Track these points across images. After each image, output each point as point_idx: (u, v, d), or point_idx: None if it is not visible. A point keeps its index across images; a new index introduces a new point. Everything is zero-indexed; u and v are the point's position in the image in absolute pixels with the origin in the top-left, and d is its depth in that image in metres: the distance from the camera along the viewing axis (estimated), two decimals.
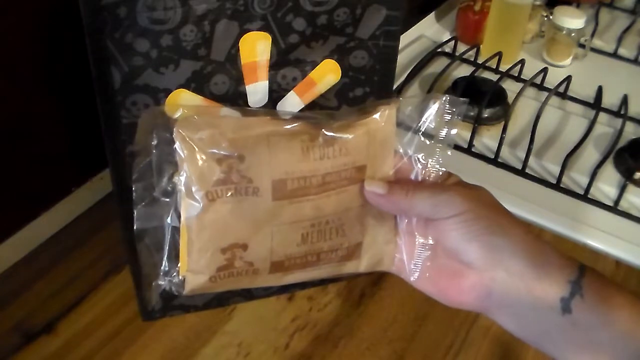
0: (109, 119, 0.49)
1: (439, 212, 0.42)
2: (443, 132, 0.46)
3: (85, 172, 0.72)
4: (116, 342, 0.59)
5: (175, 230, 0.43)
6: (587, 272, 0.39)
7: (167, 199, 0.43)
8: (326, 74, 0.54)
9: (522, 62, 0.96)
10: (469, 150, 0.83)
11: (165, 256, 0.44)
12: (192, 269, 0.43)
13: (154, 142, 0.43)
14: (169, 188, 0.43)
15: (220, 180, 0.41)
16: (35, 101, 0.64)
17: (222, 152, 0.42)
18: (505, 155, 0.82)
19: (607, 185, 0.78)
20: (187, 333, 0.60)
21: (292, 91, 0.53)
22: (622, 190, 0.75)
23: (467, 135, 0.83)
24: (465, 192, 0.42)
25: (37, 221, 0.67)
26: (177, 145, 0.42)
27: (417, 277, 0.45)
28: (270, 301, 0.63)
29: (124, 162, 0.51)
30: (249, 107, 0.52)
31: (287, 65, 0.52)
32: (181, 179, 0.42)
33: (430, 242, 0.44)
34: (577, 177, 0.79)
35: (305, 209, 0.43)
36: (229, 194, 0.41)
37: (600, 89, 0.94)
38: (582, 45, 1.03)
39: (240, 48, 0.50)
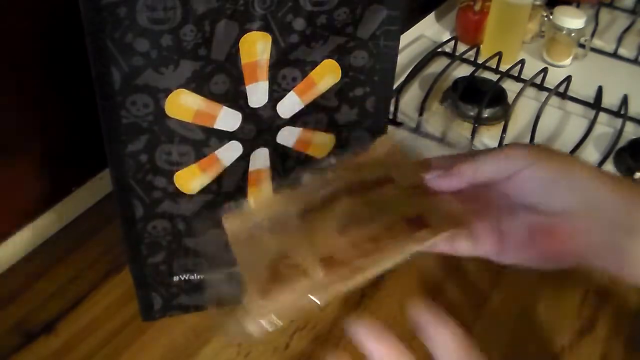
0: (109, 119, 0.49)
1: (508, 168, 0.40)
2: None
3: (85, 172, 0.72)
4: (116, 342, 0.59)
5: None
6: None
7: None
8: (326, 74, 0.54)
9: (522, 62, 0.96)
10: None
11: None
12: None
13: None
14: None
15: None
16: (35, 101, 0.64)
17: None
18: None
19: None
20: (187, 333, 0.60)
21: (292, 91, 0.53)
22: None
23: (467, 135, 0.83)
24: (523, 145, 0.40)
25: (37, 221, 0.67)
26: None
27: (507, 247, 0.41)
28: None
29: (124, 162, 0.51)
30: (250, 107, 0.52)
31: (287, 65, 0.52)
32: None
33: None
34: None
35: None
36: None
37: (600, 89, 0.94)
38: (582, 45, 1.02)
39: (240, 48, 0.50)
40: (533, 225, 0.40)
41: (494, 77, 0.94)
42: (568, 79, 0.93)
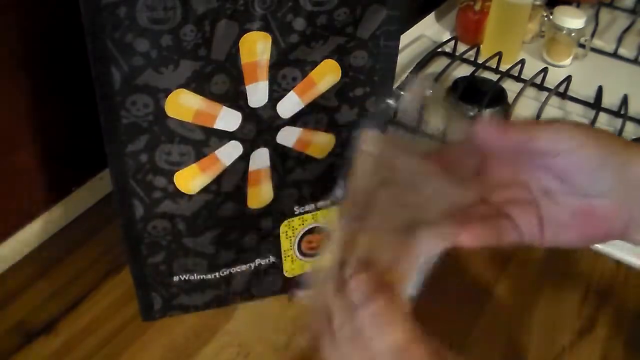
0: (109, 119, 0.49)
1: (561, 145, 0.39)
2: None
3: (85, 172, 0.72)
4: (116, 342, 0.59)
5: None
6: None
7: None
8: (326, 74, 0.54)
9: (522, 62, 0.96)
10: None
11: None
12: None
13: None
14: None
15: None
16: (35, 101, 0.64)
17: None
18: None
19: None
20: (187, 333, 0.60)
21: (292, 91, 0.53)
22: None
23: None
24: (575, 123, 0.40)
25: (37, 221, 0.67)
26: None
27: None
28: (270, 301, 0.63)
29: (124, 162, 0.51)
30: (249, 107, 0.52)
31: (287, 65, 0.52)
32: None
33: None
34: None
35: None
36: None
37: (600, 89, 0.94)
38: (582, 45, 1.02)
39: (240, 48, 0.50)
40: (574, 208, 0.40)
41: (494, 77, 0.94)
42: (568, 79, 0.93)
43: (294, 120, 0.54)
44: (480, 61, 0.97)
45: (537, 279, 0.67)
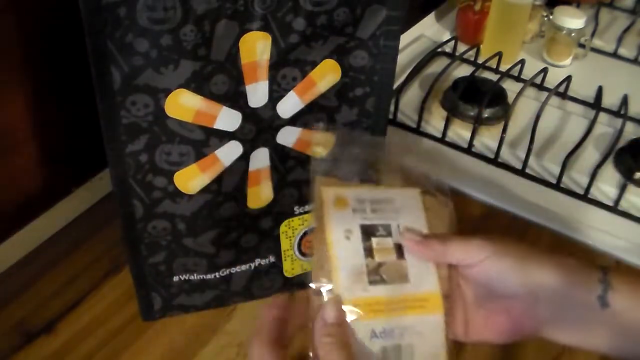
0: (109, 119, 0.49)
1: (471, 256, 0.45)
2: None
3: (85, 172, 0.72)
4: (116, 342, 0.59)
5: None
6: (608, 269, 0.45)
7: None
8: (326, 74, 0.54)
9: (522, 62, 0.96)
10: (469, 150, 0.83)
11: None
12: None
13: None
14: None
15: None
16: (35, 101, 0.64)
17: None
18: (505, 155, 0.82)
19: (607, 185, 0.78)
20: (187, 333, 0.60)
21: (292, 91, 0.53)
22: (622, 190, 0.75)
23: (467, 135, 0.83)
24: (489, 236, 0.46)
25: (37, 221, 0.67)
26: None
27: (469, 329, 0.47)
28: (270, 301, 0.63)
29: (124, 162, 0.51)
30: (250, 107, 0.52)
31: (287, 65, 0.52)
32: None
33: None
34: (577, 177, 0.79)
35: None
36: None
37: (600, 89, 0.94)
38: (582, 45, 1.02)
39: (240, 48, 0.50)
40: (492, 311, 0.46)
41: (494, 77, 0.94)
42: (568, 79, 0.93)
43: (294, 120, 0.54)
44: (480, 61, 0.97)
45: None
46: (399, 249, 0.46)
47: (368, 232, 0.46)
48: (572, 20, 0.98)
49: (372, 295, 0.45)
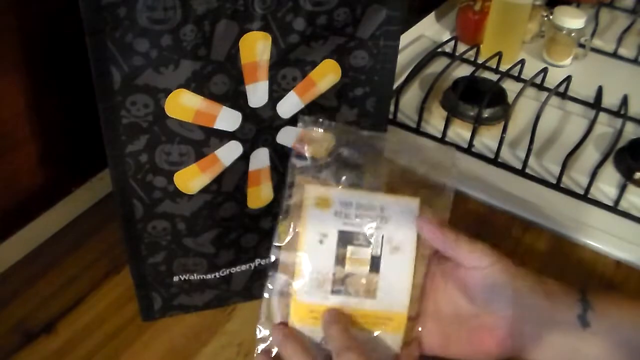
0: (109, 119, 0.49)
1: (478, 259, 0.45)
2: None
3: (85, 172, 0.72)
4: (116, 342, 0.59)
5: None
6: (587, 290, 0.46)
7: None
8: (326, 74, 0.54)
9: (522, 62, 0.96)
10: (469, 150, 0.83)
11: None
12: None
13: None
14: None
15: None
16: (35, 101, 0.64)
17: None
18: (505, 155, 0.82)
19: (607, 185, 0.78)
20: (187, 333, 0.60)
21: (292, 91, 0.53)
22: (622, 190, 0.75)
23: (467, 135, 0.83)
24: (491, 247, 0.46)
25: (37, 221, 0.67)
26: None
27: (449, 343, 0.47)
28: None
29: (124, 162, 0.51)
30: (250, 107, 0.52)
31: (287, 65, 0.52)
32: None
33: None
34: (577, 177, 0.79)
35: None
36: None
37: (600, 89, 0.94)
38: (582, 45, 1.02)
39: (240, 48, 0.50)
40: (477, 327, 0.46)
41: (494, 77, 0.94)
42: (568, 79, 0.93)
43: (294, 120, 0.54)
44: (480, 61, 0.97)
45: None
46: (375, 262, 0.44)
47: (346, 238, 0.44)
48: (572, 20, 0.98)
49: (331, 304, 0.44)
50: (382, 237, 0.44)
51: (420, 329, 0.46)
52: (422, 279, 0.46)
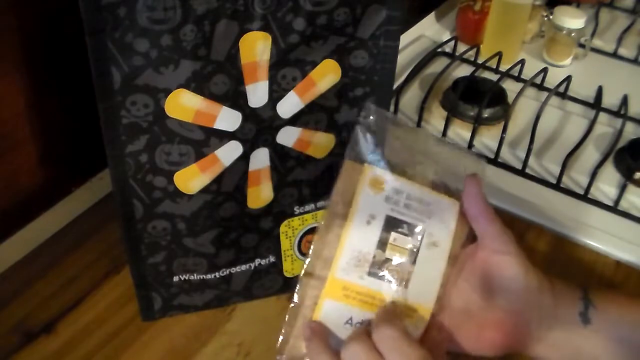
0: (109, 119, 0.49)
1: (501, 243, 0.45)
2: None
3: (85, 172, 0.72)
4: (116, 342, 0.59)
5: None
6: (588, 287, 0.47)
7: None
8: (326, 74, 0.54)
9: (522, 62, 0.96)
10: (469, 150, 0.83)
11: None
12: None
13: None
14: None
15: None
16: (35, 101, 0.64)
17: None
18: (505, 155, 0.82)
19: (607, 185, 0.78)
20: (187, 333, 0.60)
21: (292, 91, 0.53)
22: (622, 190, 0.75)
23: (467, 135, 0.83)
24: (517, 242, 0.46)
25: (37, 221, 0.67)
26: None
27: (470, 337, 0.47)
28: (270, 301, 0.63)
29: (124, 162, 0.51)
30: (250, 107, 0.52)
31: (287, 65, 0.52)
32: None
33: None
34: (577, 177, 0.79)
35: None
36: None
37: (600, 89, 0.94)
38: (582, 45, 1.03)
39: (240, 48, 0.50)
40: (485, 322, 0.46)
41: (494, 77, 0.94)
42: (568, 79, 0.93)
43: (293, 120, 0.54)
44: (480, 61, 0.97)
45: None
46: (414, 254, 0.45)
47: (391, 224, 0.45)
48: (572, 20, 0.98)
49: (365, 286, 0.45)
50: (424, 230, 0.45)
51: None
52: (446, 279, 0.47)
